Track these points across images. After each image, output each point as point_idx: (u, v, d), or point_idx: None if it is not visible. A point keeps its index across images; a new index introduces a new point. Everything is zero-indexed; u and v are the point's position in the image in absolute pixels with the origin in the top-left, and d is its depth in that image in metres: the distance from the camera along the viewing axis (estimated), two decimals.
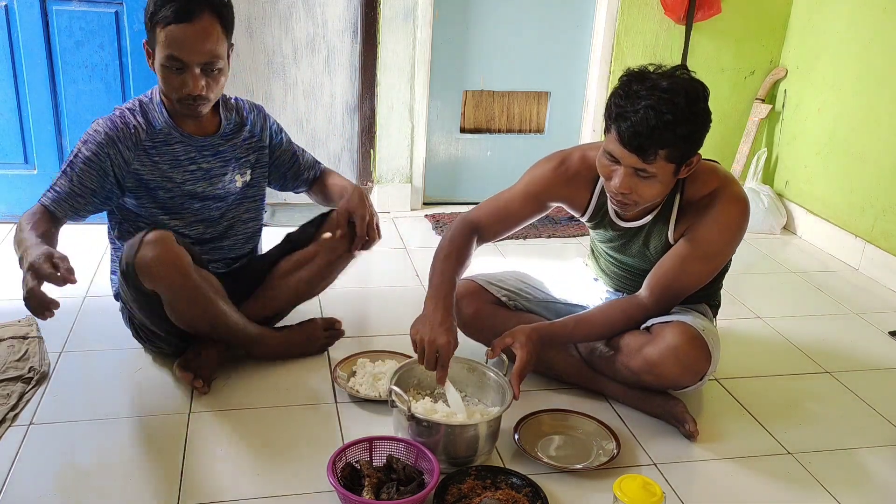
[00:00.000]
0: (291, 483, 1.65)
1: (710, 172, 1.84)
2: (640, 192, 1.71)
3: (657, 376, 1.85)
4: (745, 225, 1.84)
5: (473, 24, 3.31)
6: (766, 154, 3.53)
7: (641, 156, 1.64)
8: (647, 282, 1.91)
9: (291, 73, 3.25)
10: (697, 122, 1.65)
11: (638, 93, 1.63)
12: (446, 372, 1.73)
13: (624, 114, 1.63)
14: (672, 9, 3.27)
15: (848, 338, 2.48)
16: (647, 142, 1.62)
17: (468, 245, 1.94)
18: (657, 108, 1.60)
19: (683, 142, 1.64)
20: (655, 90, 1.62)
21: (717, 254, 1.87)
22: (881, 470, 1.83)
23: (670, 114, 1.60)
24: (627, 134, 1.63)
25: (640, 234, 1.92)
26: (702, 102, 1.66)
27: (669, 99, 1.61)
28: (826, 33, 3.24)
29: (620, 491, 1.49)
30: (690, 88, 1.65)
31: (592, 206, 1.95)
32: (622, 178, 1.69)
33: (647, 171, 1.66)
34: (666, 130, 1.61)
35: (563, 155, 1.96)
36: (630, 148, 1.64)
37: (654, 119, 1.60)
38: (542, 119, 3.55)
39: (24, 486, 1.61)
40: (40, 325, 2.22)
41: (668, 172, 1.69)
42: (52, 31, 2.79)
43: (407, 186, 3.40)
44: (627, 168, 1.68)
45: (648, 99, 1.61)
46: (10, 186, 2.94)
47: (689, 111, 1.63)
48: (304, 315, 2.41)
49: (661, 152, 1.63)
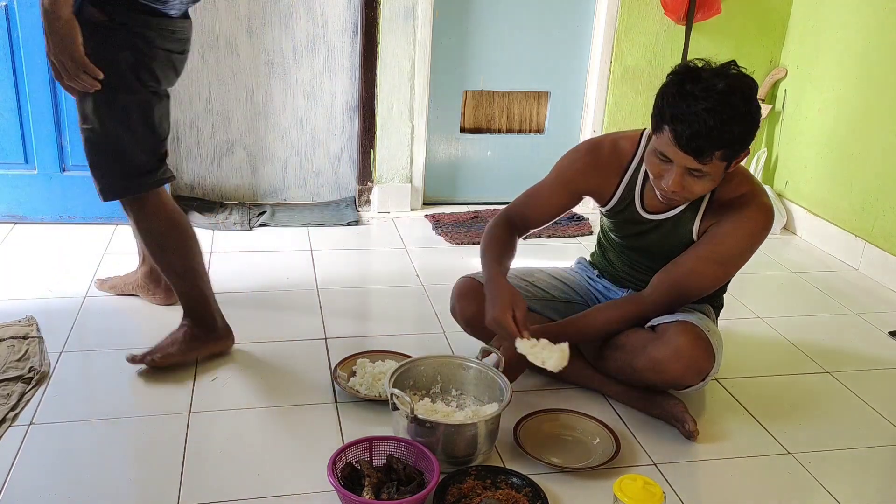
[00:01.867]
0: (291, 483, 1.65)
1: (744, 176, 1.85)
2: (692, 190, 1.72)
3: (661, 375, 1.85)
4: (766, 235, 1.85)
5: (473, 24, 3.31)
6: (766, 154, 3.53)
7: (698, 157, 1.64)
8: (656, 279, 1.90)
9: (291, 73, 3.25)
10: (753, 120, 1.66)
11: (693, 93, 1.62)
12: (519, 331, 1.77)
13: (680, 115, 1.62)
14: (672, 9, 3.27)
15: (848, 338, 2.48)
16: (705, 144, 1.61)
17: (508, 235, 1.98)
18: (715, 111, 1.59)
19: (740, 141, 1.65)
20: (712, 91, 1.61)
21: (733, 259, 1.86)
22: (881, 470, 1.83)
23: (728, 115, 1.60)
24: (686, 136, 1.61)
25: (663, 226, 1.91)
26: (755, 100, 1.67)
27: (726, 101, 1.60)
28: (826, 33, 3.24)
29: (620, 491, 1.49)
30: (745, 87, 1.65)
31: (619, 195, 1.94)
32: (675, 178, 1.69)
33: (702, 171, 1.67)
34: (724, 132, 1.60)
35: (594, 142, 1.97)
36: (687, 150, 1.63)
37: (712, 121, 1.59)
38: (542, 119, 3.55)
39: (24, 486, 1.61)
40: (40, 325, 2.22)
41: (720, 169, 1.70)
42: None
43: (407, 186, 3.40)
44: (680, 167, 1.68)
45: (706, 101, 1.60)
46: (10, 186, 2.94)
47: (746, 111, 1.63)
48: (304, 315, 2.42)
49: (717, 153, 1.64)
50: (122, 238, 2.92)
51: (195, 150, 3.28)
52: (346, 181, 3.48)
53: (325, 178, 3.45)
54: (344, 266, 2.86)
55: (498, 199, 3.52)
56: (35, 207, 2.98)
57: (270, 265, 2.80)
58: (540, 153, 3.50)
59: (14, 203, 2.96)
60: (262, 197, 3.41)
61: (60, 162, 2.94)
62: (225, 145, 3.30)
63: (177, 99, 3.18)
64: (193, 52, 3.12)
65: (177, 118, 3.21)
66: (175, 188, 3.28)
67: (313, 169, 3.42)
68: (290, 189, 3.43)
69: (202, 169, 3.31)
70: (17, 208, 2.98)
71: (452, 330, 2.23)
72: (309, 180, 3.44)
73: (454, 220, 3.31)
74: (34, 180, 2.95)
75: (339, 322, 2.38)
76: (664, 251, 1.93)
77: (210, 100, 3.22)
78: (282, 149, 3.36)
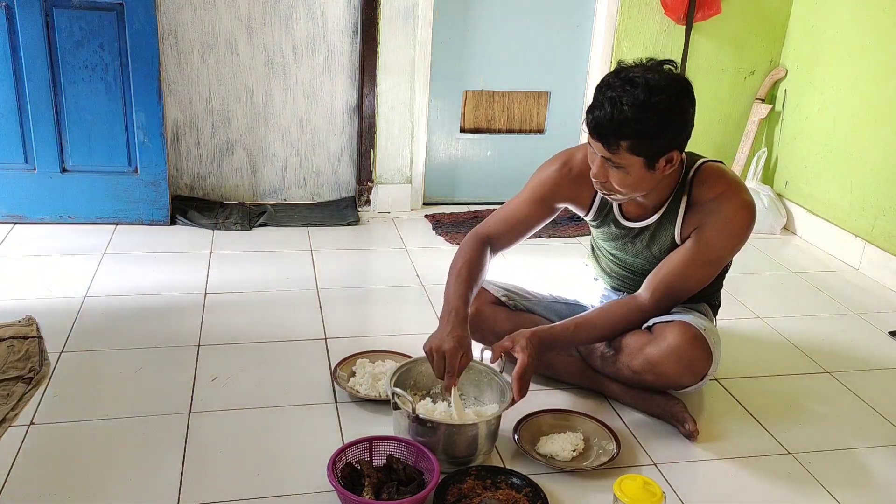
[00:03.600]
0: (291, 483, 1.65)
1: (718, 175, 1.84)
2: (614, 182, 1.73)
3: (658, 376, 1.85)
4: (750, 232, 1.85)
5: (473, 24, 3.31)
6: (766, 154, 3.53)
7: (605, 146, 1.67)
8: (648, 282, 1.91)
9: (291, 73, 3.25)
10: (655, 117, 1.63)
11: (609, 84, 1.66)
12: (453, 378, 1.73)
13: (593, 103, 1.67)
14: (672, 9, 3.27)
15: (848, 338, 2.48)
16: (605, 132, 1.65)
17: (480, 257, 1.95)
18: (617, 100, 1.62)
19: (643, 136, 1.64)
20: (624, 82, 1.64)
21: (721, 259, 1.88)
22: (881, 470, 1.83)
23: (627, 106, 1.61)
24: (590, 123, 1.67)
25: (645, 233, 1.92)
26: (667, 98, 1.63)
27: (630, 92, 1.62)
28: (826, 33, 3.24)
29: (620, 491, 1.49)
30: (659, 83, 1.63)
31: (597, 205, 1.95)
32: (597, 166, 1.73)
33: (614, 161, 1.69)
34: (622, 123, 1.62)
35: (567, 155, 1.97)
36: (594, 137, 1.68)
37: (610, 111, 1.63)
38: (542, 119, 3.55)
39: (24, 486, 1.61)
40: (40, 325, 2.22)
41: (638, 166, 1.69)
42: (52, 31, 2.79)
43: (407, 186, 3.40)
44: (599, 156, 1.71)
45: (614, 91, 1.64)
46: (10, 186, 2.94)
47: (650, 104, 1.62)
48: (304, 315, 2.42)
49: (622, 143, 1.65)
50: (122, 238, 2.92)
51: (195, 150, 3.28)
52: (346, 181, 3.48)
53: (325, 178, 3.45)
54: (344, 266, 2.86)
55: (498, 199, 3.52)
56: (35, 207, 2.98)
57: (270, 265, 2.80)
58: (540, 153, 3.48)
59: (14, 203, 2.96)
60: (262, 197, 3.41)
61: (60, 162, 2.94)
62: (225, 145, 3.30)
63: (177, 99, 3.18)
64: (193, 52, 3.13)
65: (177, 118, 3.21)
66: (175, 188, 3.28)
67: (313, 169, 3.42)
68: (290, 189, 3.43)
69: (202, 169, 3.31)
70: (17, 208, 2.98)
71: None
72: (309, 180, 3.44)
73: (454, 220, 3.32)
74: (34, 180, 2.95)
75: (339, 322, 2.38)
76: (650, 257, 1.94)
77: (210, 100, 3.22)
78: (282, 149, 3.36)
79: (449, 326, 1.76)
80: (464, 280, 1.87)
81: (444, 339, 1.73)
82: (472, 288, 1.89)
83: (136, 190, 3.01)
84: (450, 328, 1.76)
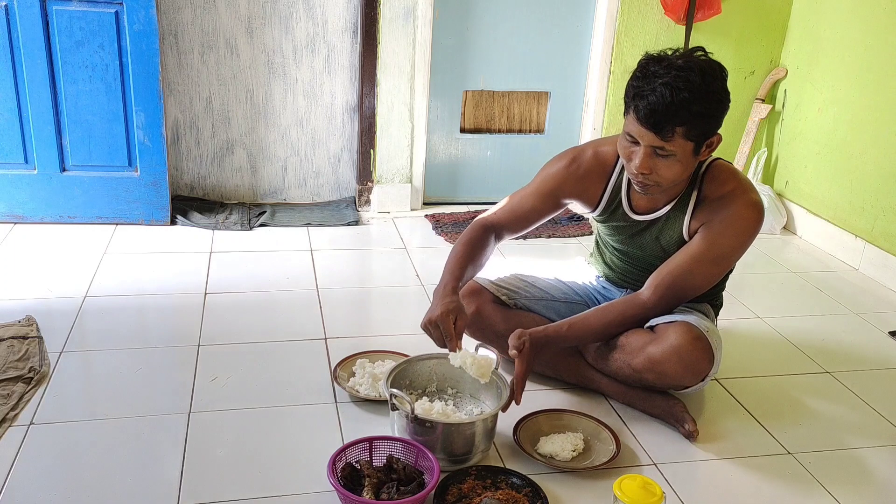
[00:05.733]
0: (291, 483, 1.65)
1: (730, 173, 1.86)
2: (661, 172, 1.72)
3: (659, 375, 1.85)
4: (757, 232, 1.85)
5: (473, 24, 3.31)
6: (766, 154, 3.53)
7: (659, 133, 1.65)
8: (652, 280, 1.91)
9: (291, 73, 3.25)
10: (713, 98, 1.67)
11: (655, 72, 1.65)
12: (453, 342, 1.74)
13: (641, 93, 1.65)
14: (672, 9, 3.27)
15: (848, 338, 2.48)
16: (663, 118, 1.63)
17: (483, 240, 1.97)
18: (673, 85, 1.62)
19: (700, 119, 1.65)
20: (671, 69, 1.64)
21: (727, 257, 1.88)
22: (881, 470, 1.83)
23: (686, 90, 1.62)
24: (645, 111, 1.64)
25: (654, 227, 1.92)
26: (718, 81, 1.68)
27: (685, 76, 1.63)
28: (826, 33, 3.24)
29: (620, 491, 1.49)
30: (707, 67, 1.67)
31: (605, 200, 1.95)
32: (642, 158, 1.70)
33: (666, 149, 1.68)
34: (682, 107, 1.62)
35: (576, 152, 1.97)
36: (648, 126, 1.65)
37: (669, 96, 1.62)
38: (542, 119, 3.55)
39: (24, 486, 1.61)
40: (40, 325, 2.22)
41: (688, 152, 1.70)
42: (52, 31, 2.79)
43: (407, 186, 3.40)
44: (647, 148, 1.69)
45: (665, 77, 1.63)
46: (10, 186, 2.94)
47: (705, 88, 1.64)
48: (304, 315, 2.42)
49: (678, 129, 1.65)
50: (122, 238, 2.92)
51: (195, 150, 3.28)
52: (346, 181, 3.48)
53: (325, 178, 3.45)
54: (344, 266, 2.86)
55: (498, 199, 3.49)
56: (35, 207, 2.98)
57: (270, 265, 2.80)
58: (540, 153, 3.50)
59: (14, 203, 2.96)
60: (262, 197, 3.42)
61: (60, 162, 2.94)
62: (225, 145, 3.30)
63: (177, 99, 3.18)
64: (193, 52, 3.13)
65: (177, 118, 3.21)
66: (175, 188, 3.28)
67: (313, 169, 3.42)
68: (290, 189, 3.43)
69: (202, 169, 3.31)
70: (17, 208, 2.98)
71: None
72: (309, 180, 3.44)
73: (454, 220, 3.32)
74: (34, 180, 2.95)
75: (339, 322, 2.38)
76: (657, 251, 1.94)
77: (210, 100, 3.22)
78: (282, 149, 3.36)
79: (436, 298, 1.80)
80: (459, 258, 1.90)
81: (433, 311, 1.76)
82: (467, 266, 1.91)
83: (136, 190, 3.01)
84: (437, 300, 1.80)
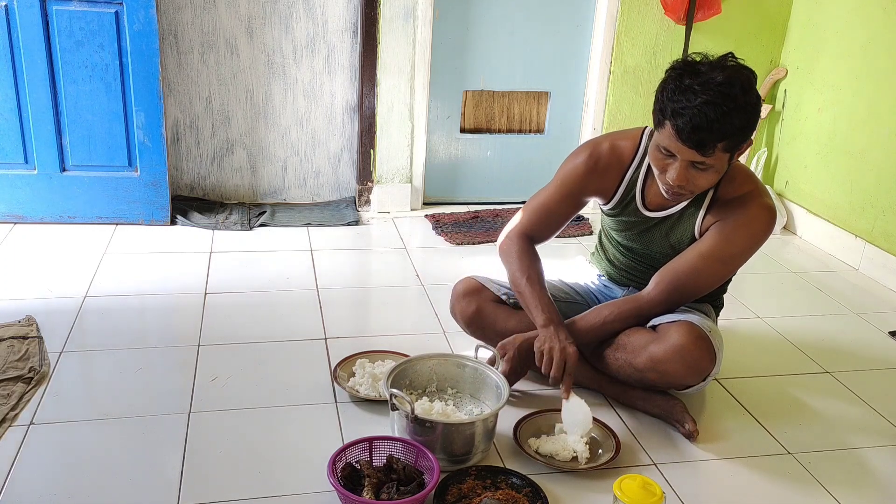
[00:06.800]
0: (291, 483, 1.65)
1: (747, 175, 1.86)
2: (696, 183, 1.73)
3: (662, 374, 1.85)
4: (767, 237, 1.86)
5: (473, 24, 3.31)
6: (766, 154, 3.53)
7: (701, 151, 1.64)
8: (658, 277, 1.90)
9: (291, 73, 3.25)
10: (754, 111, 1.67)
11: (692, 87, 1.63)
12: (571, 381, 1.82)
13: (681, 110, 1.63)
14: (672, 9, 3.27)
15: (848, 338, 2.48)
16: (707, 136, 1.62)
17: (531, 250, 2.03)
18: (715, 103, 1.60)
19: (741, 132, 1.65)
20: (711, 84, 1.62)
21: (735, 258, 1.87)
22: (881, 470, 1.83)
23: (728, 107, 1.61)
24: (687, 130, 1.62)
25: (664, 223, 1.92)
26: (755, 91, 1.67)
27: (727, 92, 1.61)
28: (826, 33, 3.24)
29: (620, 491, 1.49)
30: (744, 78, 1.66)
31: (620, 194, 1.95)
32: (679, 172, 1.70)
33: (706, 163, 1.67)
34: (725, 124, 1.61)
35: (592, 145, 1.97)
36: (689, 144, 1.64)
37: (712, 114, 1.60)
38: (542, 119, 3.54)
39: (24, 486, 1.61)
40: (40, 325, 2.22)
41: (724, 161, 1.70)
42: (52, 31, 2.79)
43: (407, 186, 3.40)
44: (684, 161, 1.68)
45: (704, 94, 1.61)
46: (10, 186, 2.94)
47: (746, 102, 1.64)
48: (304, 315, 2.42)
49: (719, 145, 1.64)
50: (122, 238, 2.92)
51: (195, 150, 3.28)
52: (346, 181, 3.48)
53: (325, 178, 3.45)
54: (344, 266, 2.86)
55: (498, 199, 3.52)
56: (35, 207, 2.98)
57: (270, 265, 2.80)
58: (540, 153, 3.50)
59: (14, 203, 2.96)
60: (262, 197, 3.41)
61: (60, 162, 2.94)
62: (225, 145, 3.30)
63: (177, 99, 3.18)
64: (193, 52, 3.13)
65: (177, 118, 3.21)
66: (175, 188, 3.28)
67: (313, 169, 3.42)
68: (290, 189, 3.43)
69: (202, 169, 3.31)
70: (17, 208, 2.98)
71: (452, 330, 2.24)
72: (309, 180, 3.44)
73: (454, 220, 3.32)
74: (34, 180, 2.95)
75: (339, 322, 2.38)
76: (666, 248, 1.93)
77: (210, 100, 3.22)
78: (282, 149, 3.36)
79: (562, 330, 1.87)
80: (535, 277, 1.95)
81: (564, 343, 1.84)
82: (545, 284, 1.97)
83: (136, 190, 3.01)
84: (563, 332, 1.86)
